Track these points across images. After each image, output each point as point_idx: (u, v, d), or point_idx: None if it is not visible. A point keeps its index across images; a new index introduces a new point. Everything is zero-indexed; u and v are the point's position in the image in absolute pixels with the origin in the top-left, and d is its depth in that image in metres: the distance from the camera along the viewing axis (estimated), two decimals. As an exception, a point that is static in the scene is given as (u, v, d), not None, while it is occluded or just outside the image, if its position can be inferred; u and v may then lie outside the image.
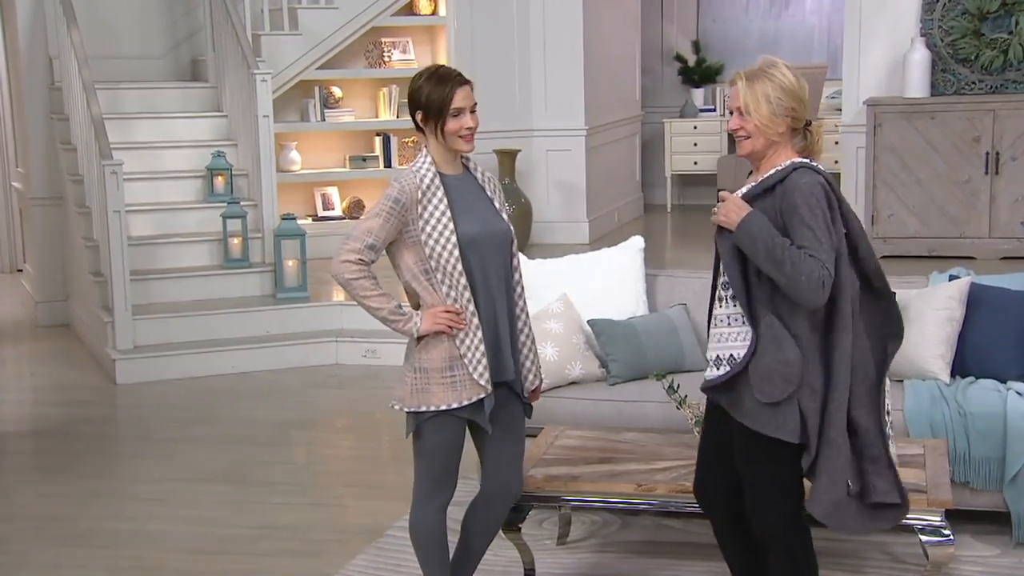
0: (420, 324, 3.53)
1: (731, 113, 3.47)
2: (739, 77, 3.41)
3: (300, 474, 5.68)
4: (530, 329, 3.72)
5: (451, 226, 3.51)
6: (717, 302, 3.47)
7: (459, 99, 3.53)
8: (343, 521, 5.03)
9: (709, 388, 3.44)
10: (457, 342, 3.54)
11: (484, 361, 3.54)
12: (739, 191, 3.42)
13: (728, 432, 3.47)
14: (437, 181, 3.55)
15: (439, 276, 3.52)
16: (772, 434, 3.31)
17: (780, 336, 3.29)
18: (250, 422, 6.37)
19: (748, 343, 3.34)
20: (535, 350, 3.74)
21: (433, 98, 3.53)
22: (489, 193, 3.65)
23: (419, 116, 3.57)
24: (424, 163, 3.58)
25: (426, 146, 3.62)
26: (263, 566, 4.57)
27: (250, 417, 6.46)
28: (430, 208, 3.52)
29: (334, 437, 6.28)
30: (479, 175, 3.67)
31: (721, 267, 3.43)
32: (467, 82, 3.58)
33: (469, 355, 3.53)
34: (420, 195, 3.53)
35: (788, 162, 3.37)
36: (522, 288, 3.71)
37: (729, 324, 3.41)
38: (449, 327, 3.52)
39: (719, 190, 3.48)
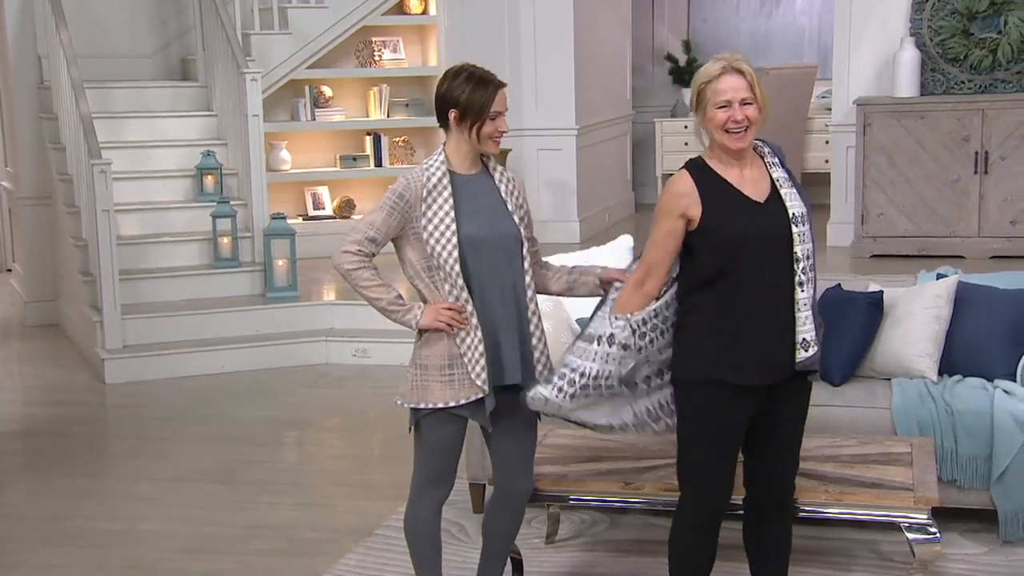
0: (420, 317, 3.53)
1: (725, 107, 3.29)
2: (743, 63, 3.30)
3: (291, 473, 5.68)
4: (543, 332, 3.65)
5: (453, 226, 3.49)
6: (798, 287, 3.34)
7: (499, 102, 3.53)
8: (334, 520, 5.03)
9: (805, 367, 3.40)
10: (458, 340, 3.53)
11: (482, 362, 3.53)
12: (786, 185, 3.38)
13: (741, 423, 3.44)
14: (446, 180, 3.54)
15: (440, 275, 3.52)
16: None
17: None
18: (240, 422, 6.37)
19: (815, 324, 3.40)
20: (547, 353, 3.68)
21: (475, 99, 3.50)
22: (504, 194, 3.61)
23: (453, 115, 3.53)
24: (436, 160, 3.57)
25: (444, 144, 3.60)
26: (254, 565, 4.58)
27: (240, 417, 6.46)
28: (434, 207, 3.51)
29: (324, 436, 6.28)
30: (497, 175, 3.63)
31: (803, 252, 3.35)
32: (504, 85, 3.57)
33: (468, 354, 3.53)
34: (425, 193, 3.51)
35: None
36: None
37: (804, 307, 3.36)
38: (449, 325, 3.51)
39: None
